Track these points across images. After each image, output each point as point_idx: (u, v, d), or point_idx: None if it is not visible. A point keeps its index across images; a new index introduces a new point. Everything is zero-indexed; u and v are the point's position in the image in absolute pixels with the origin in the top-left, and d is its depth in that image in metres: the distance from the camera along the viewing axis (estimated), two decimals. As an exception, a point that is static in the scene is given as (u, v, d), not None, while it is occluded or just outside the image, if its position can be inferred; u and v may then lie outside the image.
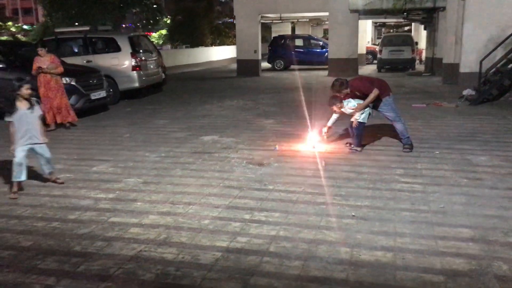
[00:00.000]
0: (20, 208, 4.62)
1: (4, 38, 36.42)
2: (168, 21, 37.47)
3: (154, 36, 37.66)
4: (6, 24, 48.90)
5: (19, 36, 44.02)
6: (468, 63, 12.13)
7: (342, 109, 6.46)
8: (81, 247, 3.68)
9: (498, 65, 11.38)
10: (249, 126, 8.61)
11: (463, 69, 12.39)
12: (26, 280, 3.20)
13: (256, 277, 3.16)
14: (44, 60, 8.46)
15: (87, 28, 13.24)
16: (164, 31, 37.60)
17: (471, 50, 11.96)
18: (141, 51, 12.58)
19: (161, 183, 5.26)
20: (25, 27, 51.11)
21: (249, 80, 18.26)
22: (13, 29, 48.83)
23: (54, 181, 5.31)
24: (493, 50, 10.95)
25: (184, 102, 12.08)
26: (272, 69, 23.25)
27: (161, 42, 36.07)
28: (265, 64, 23.07)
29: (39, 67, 8.37)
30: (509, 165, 5.72)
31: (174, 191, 4.97)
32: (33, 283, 3.16)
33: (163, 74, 13.99)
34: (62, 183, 5.31)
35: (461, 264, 3.29)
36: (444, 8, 16.16)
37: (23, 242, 3.80)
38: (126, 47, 12.06)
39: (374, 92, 6.21)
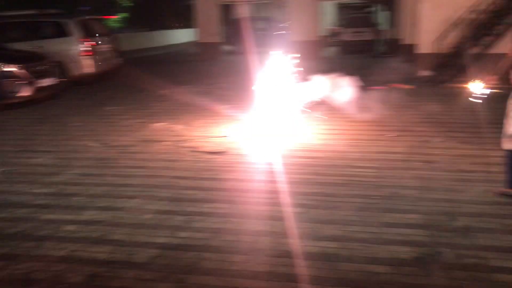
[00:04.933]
0: None
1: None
2: (130, 4, 36.30)
3: (115, 19, 36.44)
4: None
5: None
6: (425, 44, 12.15)
7: None
8: (9, 248, 3.42)
9: (453, 47, 11.44)
10: (203, 112, 8.33)
11: (420, 50, 12.42)
12: None
13: (194, 276, 2.99)
14: None
15: (35, 12, 12.56)
16: (125, 14, 36.46)
17: (427, 31, 11.97)
18: (93, 35, 12.03)
19: (104, 175, 4.99)
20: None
21: (210, 63, 17.88)
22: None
23: None
24: (447, 31, 11.05)
25: (139, 87, 11.63)
26: (234, 52, 22.85)
27: (122, 25, 34.95)
28: (226, 47, 22.63)
29: None
30: (463, 146, 5.71)
31: (117, 183, 4.72)
32: None
33: (118, 59, 13.48)
34: None
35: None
36: (402, -11, 16.16)
37: None
38: (76, 32, 11.51)
39: None
